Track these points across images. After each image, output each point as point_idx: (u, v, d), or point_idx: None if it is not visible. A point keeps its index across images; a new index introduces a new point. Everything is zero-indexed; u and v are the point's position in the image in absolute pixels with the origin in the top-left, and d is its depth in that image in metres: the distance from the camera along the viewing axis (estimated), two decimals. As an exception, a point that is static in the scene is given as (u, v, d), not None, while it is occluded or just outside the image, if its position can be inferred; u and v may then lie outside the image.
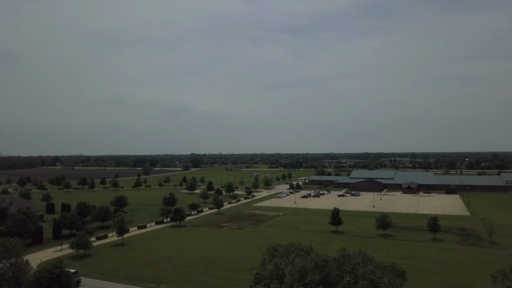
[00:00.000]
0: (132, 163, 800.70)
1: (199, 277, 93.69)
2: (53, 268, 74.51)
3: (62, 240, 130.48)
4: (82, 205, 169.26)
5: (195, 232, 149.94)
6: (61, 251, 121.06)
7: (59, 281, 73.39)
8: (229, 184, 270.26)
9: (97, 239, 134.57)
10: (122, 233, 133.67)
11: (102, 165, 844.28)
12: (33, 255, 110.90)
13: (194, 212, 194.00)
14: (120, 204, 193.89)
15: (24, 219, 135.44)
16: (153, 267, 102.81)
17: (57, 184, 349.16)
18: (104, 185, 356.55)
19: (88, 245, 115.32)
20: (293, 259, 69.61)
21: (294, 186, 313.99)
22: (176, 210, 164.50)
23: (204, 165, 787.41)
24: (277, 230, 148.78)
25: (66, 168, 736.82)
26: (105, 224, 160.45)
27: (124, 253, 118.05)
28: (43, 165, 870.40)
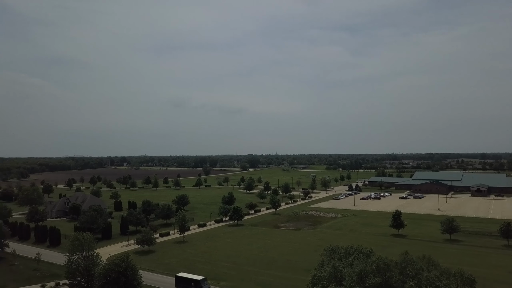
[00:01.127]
0: (193, 163, 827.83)
1: (257, 276, 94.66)
2: (121, 262, 79.11)
3: (129, 236, 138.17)
4: (146, 203, 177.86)
5: (253, 231, 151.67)
6: (127, 246, 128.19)
7: (126, 274, 77.76)
8: (286, 184, 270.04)
9: (160, 236, 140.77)
10: (184, 231, 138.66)
11: (165, 165, 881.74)
12: (103, 249, 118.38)
13: (251, 212, 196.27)
14: (182, 203, 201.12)
15: (95, 215, 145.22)
16: (213, 264, 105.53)
17: (124, 183, 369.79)
18: (167, 184, 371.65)
19: (152, 241, 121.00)
20: (352, 261, 68.04)
21: (353, 188, 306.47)
22: (234, 209, 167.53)
23: (261, 165, 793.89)
24: (335, 232, 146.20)
25: (132, 168, 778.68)
26: (168, 222, 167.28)
27: (185, 250, 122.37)
28: (111, 165, 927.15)
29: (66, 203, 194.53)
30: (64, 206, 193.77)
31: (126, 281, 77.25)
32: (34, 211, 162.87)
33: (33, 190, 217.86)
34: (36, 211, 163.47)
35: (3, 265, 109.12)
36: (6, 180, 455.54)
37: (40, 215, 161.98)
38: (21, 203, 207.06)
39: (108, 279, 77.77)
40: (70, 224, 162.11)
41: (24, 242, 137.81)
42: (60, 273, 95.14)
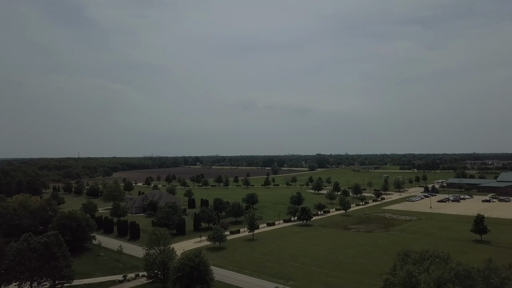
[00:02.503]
0: (261, 163, 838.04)
1: (326, 277, 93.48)
2: (194, 257, 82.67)
3: (201, 232, 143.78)
4: (218, 201, 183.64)
5: (321, 232, 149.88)
6: (200, 242, 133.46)
7: (199, 269, 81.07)
8: (356, 185, 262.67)
9: (230, 233, 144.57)
10: (253, 229, 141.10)
11: (235, 164, 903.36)
12: (177, 244, 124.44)
13: (320, 212, 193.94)
14: (251, 201, 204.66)
15: (171, 212, 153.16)
16: (281, 263, 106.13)
17: (197, 182, 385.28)
18: (237, 183, 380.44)
19: (223, 238, 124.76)
20: (428, 267, 64.48)
21: (429, 189, 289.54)
22: (303, 209, 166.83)
23: (330, 165, 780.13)
24: (409, 236, 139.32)
25: (205, 167, 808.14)
26: (238, 220, 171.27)
27: (254, 248, 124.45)
28: (185, 164, 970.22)
29: (144, 200, 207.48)
30: (142, 202, 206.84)
31: (199, 275, 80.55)
32: (116, 207, 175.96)
33: (115, 187, 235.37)
34: (118, 206, 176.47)
35: (91, 256, 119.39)
36: (93, 178, 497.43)
37: (121, 211, 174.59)
38: (105, 199, 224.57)
39: (182, 272, 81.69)
40: (148, 220, 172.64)
41: (108, 235, 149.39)
42: (139, 265, 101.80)
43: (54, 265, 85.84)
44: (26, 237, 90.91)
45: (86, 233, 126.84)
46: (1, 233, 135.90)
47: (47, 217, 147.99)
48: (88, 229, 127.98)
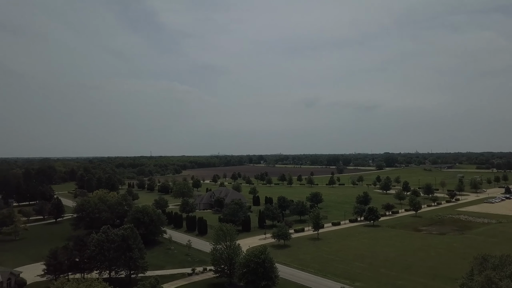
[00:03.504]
0: (326, 161, 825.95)
1: (394, 280, 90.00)
2: (259, 254, 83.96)
3: (266, 230, 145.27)
4: (282, 199, 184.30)
5: (390, 233, 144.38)
6: (265, 239, 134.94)
7: (264, 266, 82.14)
8: (428, 185, 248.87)
9: (295, 232, 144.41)
10: (318, 228, 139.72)
11: (298, 163, 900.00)
12: (243, 241, 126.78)
13: (388, 213, 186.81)
14: (315, 200, 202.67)
15: (237, 208, 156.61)
16: (347, 264, 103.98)
17: (261, 180, 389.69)
18: (301, 181, 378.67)
19: (287, 236, 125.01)
20: (510, 273, 59.52)
21: (511, 191, 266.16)
22: (370, 209, 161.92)
23: (399, 164, 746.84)
24: (488, 240, 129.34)
25: (269, 166, 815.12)
26: (302, 218, 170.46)
27: (319, 247, 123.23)
28: (250, 163, 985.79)
29: (211, 197, 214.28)
30: (210, 199, 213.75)
31: (264, 272, 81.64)
32: (185, 203, 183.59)
33: (184, 185, 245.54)
34: (187, 203, 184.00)
35: (162, 249, 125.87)
36: (164, 175, 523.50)
37: (190, 207, 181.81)
38: (175, 196, 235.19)
39: (248, 268, 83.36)
40: (214, 216, 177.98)
41: (178, 230, 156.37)
42: (207, 259, 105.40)
43: (129, 256, 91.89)
44: (105, 229, 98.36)
45: (158, 227, 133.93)
46: (84, 225, 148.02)
47: (123, 212, 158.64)
48: (160, 223, 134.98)
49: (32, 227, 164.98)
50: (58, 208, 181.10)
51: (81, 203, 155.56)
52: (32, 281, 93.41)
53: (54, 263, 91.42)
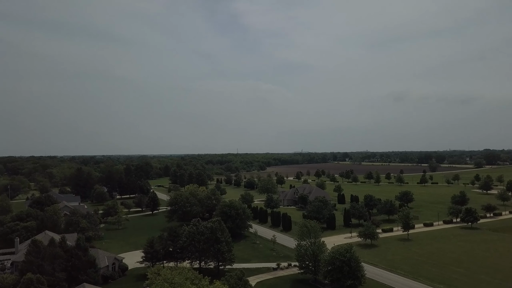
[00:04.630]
0: (416, 159, 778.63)
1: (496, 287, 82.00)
2: (345, 252, 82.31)
3: (352, 228, 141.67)
4: (368, 198, 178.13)
5: (491, 237, 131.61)
6: (350, 238, 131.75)
7: (350, 264, 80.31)
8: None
9: (382, 231, 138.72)
10: (407, 228, 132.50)
11: (386, 160, 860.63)
12: (327, 238, 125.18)
13: (490, 215, 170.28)
14: (405, 200, 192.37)
15: (321, 206, 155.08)
16: (441, 267, 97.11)
17: (347, 177, 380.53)
18: (389, 180, 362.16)
19: (374, 235, 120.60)
20: None
21: None
22: (467, 210, 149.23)
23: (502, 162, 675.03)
24: None
25: (354, 163, 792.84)
26: (390, 218, 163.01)
27: (409, 249, 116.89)
28: (334, 160, 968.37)
29: (295, 193, 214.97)
30: (293, 195, 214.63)
31: (350, 270, 79.83)
32: (270, 199, 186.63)
33: (269, 181, 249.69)
34: (271, 198, 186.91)
35: (248, 243, 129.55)
36: (249, 171, 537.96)
37: (274, 202, 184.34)
38: (260, 191, 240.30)
39: (333, 266, 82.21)
40: (298, 212, 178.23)
41: (263, 224, 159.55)
42: (291, 255, 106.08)
43: (218, 249, 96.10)
44: (195, 222, 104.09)
45: (244, 222, 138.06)
46: (177, 217, 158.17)
47: (212, 205, 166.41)
48: (246, 217, 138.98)
49: (132, 218, 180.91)
50: (154, 201, 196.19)
51: (174, 197, 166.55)
52: (132, 266, 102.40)
53: (151, 251, 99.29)
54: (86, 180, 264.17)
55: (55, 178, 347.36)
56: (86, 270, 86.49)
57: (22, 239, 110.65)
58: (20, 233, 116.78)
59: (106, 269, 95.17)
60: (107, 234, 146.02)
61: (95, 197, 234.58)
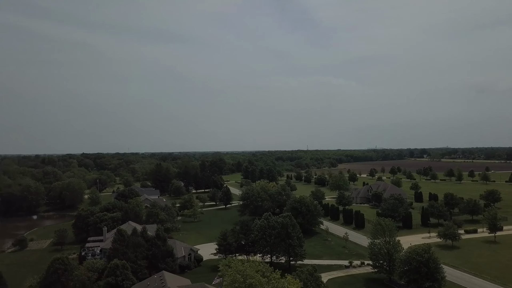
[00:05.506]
0: (505, 155, 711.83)
1: None
2: (423, 252, 78.16)
3: (430, 228, 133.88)
4: (449, 196, 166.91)
5: None
6: (429, 238, 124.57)
7: (428, 265, 76.11)
8: None
9: (465, 232, 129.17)
10: (494, 230, 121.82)
11: (469, 157, 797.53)
12: (403, 238, 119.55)
13: None
14: (491, 199, 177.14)
15: (396, 204, 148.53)
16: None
17: (425, 175, 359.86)
18: (472, 178, 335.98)
19: (456, 236, 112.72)
20: None
21: None
22: None
23: None
24: None
25: (433, 160, 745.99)
26: (474, 218, 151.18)
27: (497, 252, 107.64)
28: (411, 156, 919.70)
29: (368, 191, 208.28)
30: (367, 193, 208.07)
31: (428, 272, 75.73)
32: (341, 196, 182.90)
33: (340, 177, 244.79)
34: (343, 196, 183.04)
35: (319, 239, 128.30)
36: (320, 168, 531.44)
37: (346, 200, 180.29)
38: (331, 188, 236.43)
39: (409, 266, 78.50)
40: (372, 210, 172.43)
41: (334, 222, 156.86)
42: (364, 253, 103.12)
43: (289, 243, 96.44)
44: (266, 216, 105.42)
45: (315, 218, 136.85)
46: (249, 211, 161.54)
47: (282, 201, 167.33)
48: (316, 214, 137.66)
49: (207, 211, 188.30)
50: (227, 195, 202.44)
51: (246, 192, 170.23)
52: (207, 258, 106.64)
53: (224, 244, 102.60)
54: (164, 175, 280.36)
55: (137, 173, 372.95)
56: (164, 259, 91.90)
57: (109, 228, 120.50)
58: (108, 222, 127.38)
59: (183, 259, 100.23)
60: (183, 226, 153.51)
61: (173, 191, 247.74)
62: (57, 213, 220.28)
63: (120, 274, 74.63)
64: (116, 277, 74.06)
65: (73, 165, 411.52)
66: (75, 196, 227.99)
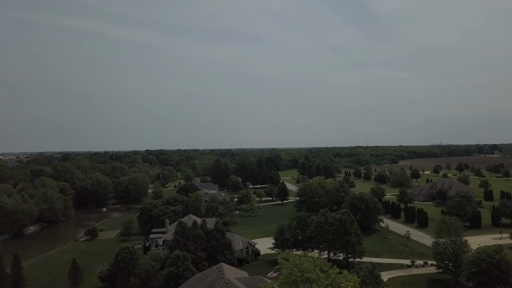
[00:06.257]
0: None
1: None
2: (493, 253, 73.15)
3: (502, 228, 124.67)
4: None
5: None
6: (500, 239, 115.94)
7: (499, 268, 71.13)
8: None
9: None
10: None
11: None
12: (471, 238, 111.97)
13: None
14: None
15: (463, 202, 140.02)
16: None
17: (495, 172, 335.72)
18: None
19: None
20: None
21: None
22: None
23: None
24: None
25: (505, 157, 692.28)
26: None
27: None
28: (480, 153, 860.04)
29: (432, 188, 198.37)
30: (430, 190, 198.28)
31: (500, 275, 70.83)
32: (403, 193, 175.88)
33: (402, 174, 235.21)
34: (405, 193, 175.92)
35: (378, 237, 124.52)
36: (380, 165, 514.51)
37: (408, 197, 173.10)
38: (392, 185, 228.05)
39: (478, 268, 73.89)
40: (436, 208, 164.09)
41: (395, 220, 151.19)
42: (427, 253, 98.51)
43: (347, 240, 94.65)
44: (323, 212, 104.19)
45: (374, 215, 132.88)
46: (305, 207, 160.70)
47: (340, 197, 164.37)
48: (376, 211, 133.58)
49: (263, 206, 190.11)
50: (283, 191, 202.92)
51: (303, 188, 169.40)
52: (264, 252, 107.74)
53: (281, 239, 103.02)
54: (223, 170, 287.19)
55: (197, 168, 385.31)
56: (223, 251, 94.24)
57: (171, 220, 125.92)
58: (169, 215, 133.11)
59: (241, 252, 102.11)
60: (241, 220, 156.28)
61: (231, 186, 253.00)
62: (123, 205, 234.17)
63: (181, 264, 77.77)
64: (178, 267, 77.29)
65: (138, 161, 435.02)
66: (140, 190, 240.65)
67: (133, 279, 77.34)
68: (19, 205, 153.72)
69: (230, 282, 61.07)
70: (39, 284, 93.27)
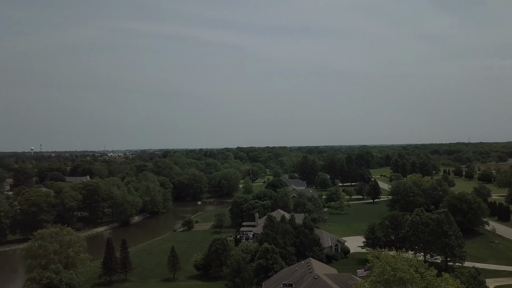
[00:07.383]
0: None
1: None
2: None
3: None
4: None
5: None
6: None
7: None
8: None
9: None
10: None
11: None
12: None
13: None
14: None
15: None
16: None
17: None
18: None
19: None
20: None
21: None
22: None
23: None
24: None
25: None
26: None
27: None
28: None
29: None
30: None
31: None
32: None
33: (511, 173, 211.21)
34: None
35: (483, 241, 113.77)
36: (485, 163, 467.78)
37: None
38: (499, 185, 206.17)
39: None
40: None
41: (504, 222, 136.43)
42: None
43: (445, 242, 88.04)
44: (418, 212, 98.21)
45: (478, 217, 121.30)
46: (399, 207, 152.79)
47: (437, 197, 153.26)
48: (480, 213, 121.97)
49: (353, 204, 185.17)
50: (375, 189, 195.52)
51: (396, 186, 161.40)
52: (354, 250, 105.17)
53: (372, 237, 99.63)
54: (311, 167, 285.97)
55: (285, 165, 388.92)
56: (312, 247, 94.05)
57: (260, 214, 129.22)
58: (259, 209, 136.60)
59: (330, 249, 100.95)
60: (330, 217, 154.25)
61: (319, 183, 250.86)
62: (216, 199, 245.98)
63: (270, 257, 79.50)
64: (267, 260, 79.16)
65: (229, 158, 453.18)
66: (232, 185, 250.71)
67: (225, 269, 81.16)
68: (126, 196, 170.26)
69: (319, 278, 60.85)
70: (144, 268, 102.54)
